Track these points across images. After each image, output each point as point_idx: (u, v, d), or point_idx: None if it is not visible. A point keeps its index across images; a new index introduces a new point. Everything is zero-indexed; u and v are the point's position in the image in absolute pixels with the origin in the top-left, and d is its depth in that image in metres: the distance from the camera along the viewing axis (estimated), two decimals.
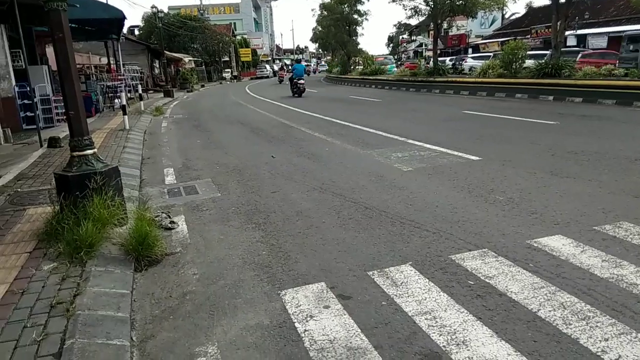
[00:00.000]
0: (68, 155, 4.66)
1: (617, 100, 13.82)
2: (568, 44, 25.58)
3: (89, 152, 4.51)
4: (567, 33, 21.10)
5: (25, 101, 11.48)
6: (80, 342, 2.67)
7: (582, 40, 29.53)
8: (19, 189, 6.05)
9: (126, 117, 12.38)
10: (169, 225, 4.88)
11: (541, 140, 8.54)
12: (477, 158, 7.24)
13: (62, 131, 10.35)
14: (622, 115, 11.69)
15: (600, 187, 5.48)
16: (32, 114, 10.98)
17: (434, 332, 2.78)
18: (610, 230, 4.15)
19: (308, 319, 3.00)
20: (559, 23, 18.38)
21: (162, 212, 5.22)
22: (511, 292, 3.18)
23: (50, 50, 17.47)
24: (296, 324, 2.95)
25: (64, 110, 5.19)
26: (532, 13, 38.25)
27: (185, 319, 3.13)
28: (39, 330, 2.76)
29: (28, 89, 10.76)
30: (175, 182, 6.88)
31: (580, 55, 21.92)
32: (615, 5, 30.58)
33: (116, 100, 17.56)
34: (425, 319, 2.93)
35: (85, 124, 4.58)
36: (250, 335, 2.88)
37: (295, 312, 3.10)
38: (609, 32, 28.39)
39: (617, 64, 17.93)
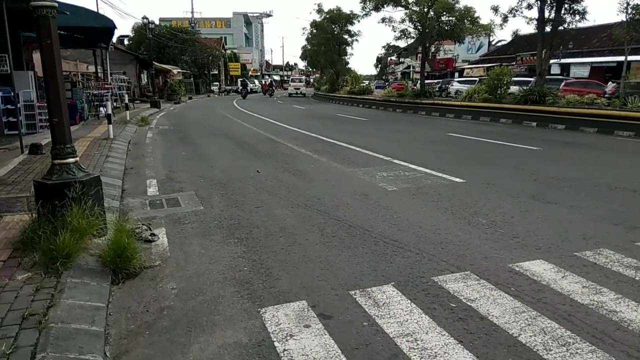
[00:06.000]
0: (49, 163, 4.57)
1: (599, 128, 14.14)
2: (552, 72, 26.16)
3: (71, 160, 4.43)
4: (551, 61, 21.57)
5: (9, 106, 11.29)
6: (52, 356, 2.58)
7: (565, 68, 30.25)
8: None
9: (111, 126, 12.25)
10: (149, 237, 4.79)
11: (524, 165, 8.66)
12: (461, 180, 7.29)
13: (45, 138, 10.19)
14: (604, 144, 11.94)
15: (581, 213, 5.55)
16: (15, 120, 10.79)
17: (415, 355, 2.75)
18: (591, 256, 4.19)
19: (288, 338, 2.95)
20: (544, 51, 18.84)
21: (143, 224, 5.13)
22: (492, 316, 3.17)
23: (37, 56, 17.30)
24: (275, 343, 2.89)
25: (47, 117, 5.10)
26: (518, 41, 39.01)
27: (161, 334, 3.05)
28: (9, 343, 2.66)
29: (12, 94, 10.60)
30: (157, 193, 6.79)
31: (563, 83, 22.44)
32: (598, 36, 31.44)
33: (101, 109, 17.40)
34: (407, 341, 2.90)
35: (68, 131, 4.50)
36: (228, 354, 2.82)
37: (275, 330, 3.04)
38: (592, 62, 29.18)
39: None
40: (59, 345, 2.69)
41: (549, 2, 18.46)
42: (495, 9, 20.68)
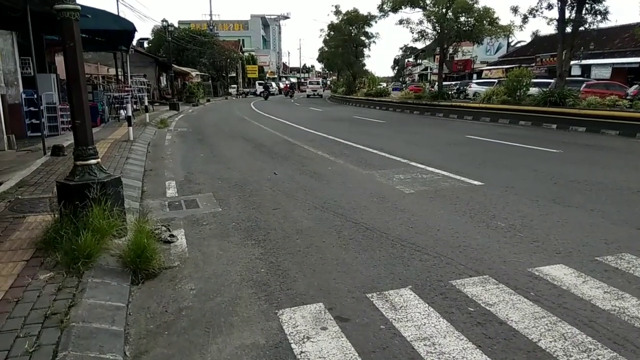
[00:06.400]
0: (71, 164, 4.66)
1: (621, 131, 13.87)
2: (572, 73, 25.75)
3: (93, 161, 4.51)
4: (572, 63, 21.23)
5: (32, 108, 11.53)
6: (73, 355, 2.63)
7: (586, 70, 29.75)
8: (19, 196, 6.03)
9: (131, 128, 12.43)
10: (168, 238, 4.85)
11: (544, 168, 8.54)
12: (480, 183, 7.22)
13: (67, 140, 10.37)
14: (626, 146, 11.72)
15: (603, 217, 5.45)
16: (38, 122, 11.01)
17: (433, 359, 2.73)
18: (613, 261, 4.11)
19: (305, 340, 2.96)
20: (564, 52, 18.56)
21: (162, 225, 5.20)
22: (512, 320, 3.14)
23: (59, 59, 17.65)
24: (292, 345, 2.90)
25: (69, 119, 5.20)
26: (538, 42, 38.57)
27: (180, 335, 3.09)
28: (32, 341, 2.72)
29: (35, 96, 10.83)
30: (176, 195, 6.87)
31: (584, 85, 22.07)
32: (620, 37, 30.85)
33: (122, 111, 17.63)
34: (424, 345, 2.88)
35: (90, 133, 4.58)
36: (245, 355, 2.84)
37: (292, 332, 3.05)
38: (613, 64, 28.63)
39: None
40: (80, 344, 2.74)
41: (569, 2, 18.19)
42: (515, 10, 20.46)
